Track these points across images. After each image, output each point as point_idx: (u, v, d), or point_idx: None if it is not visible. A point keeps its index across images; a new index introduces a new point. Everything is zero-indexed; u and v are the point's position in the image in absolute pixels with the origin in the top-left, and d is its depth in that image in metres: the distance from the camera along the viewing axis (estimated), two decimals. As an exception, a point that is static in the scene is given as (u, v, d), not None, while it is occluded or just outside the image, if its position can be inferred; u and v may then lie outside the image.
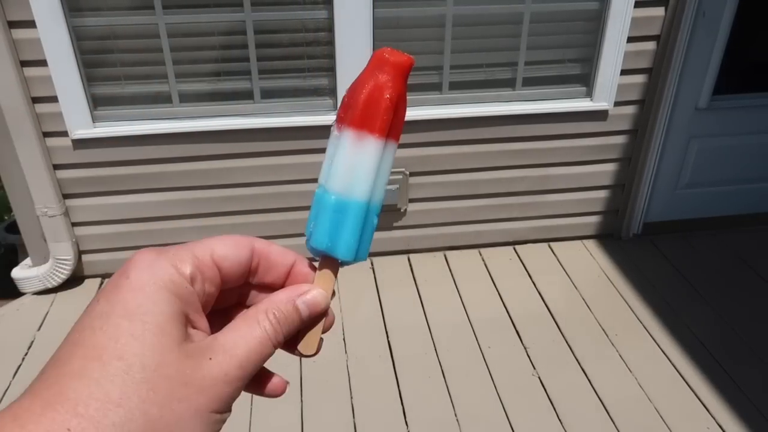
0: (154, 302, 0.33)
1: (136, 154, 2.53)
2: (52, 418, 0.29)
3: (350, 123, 0.40)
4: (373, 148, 0.40)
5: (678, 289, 2.73)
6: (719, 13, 2.60)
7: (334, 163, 0.40)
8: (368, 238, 0.42)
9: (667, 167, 2.96)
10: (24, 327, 2.50)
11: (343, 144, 0.40)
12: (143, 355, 0.31)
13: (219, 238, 0.38)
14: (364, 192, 0.40)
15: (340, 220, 0.40)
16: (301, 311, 0.38)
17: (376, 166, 0.40)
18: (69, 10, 2.23)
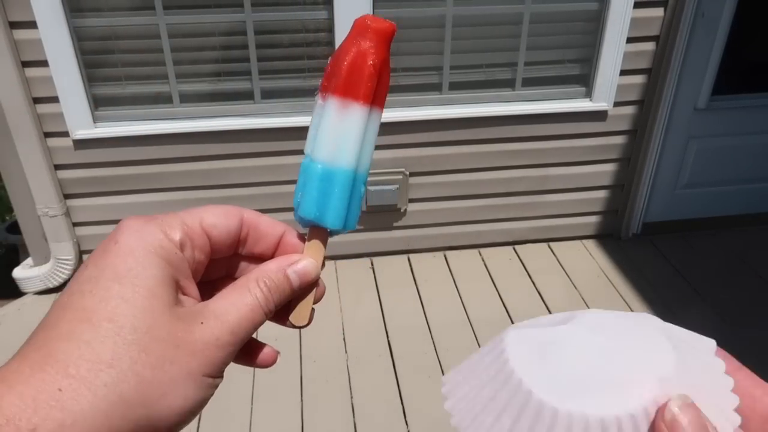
0: (144, 266, 0.32)
1: (136, 155, 2.54)
2: (41, 379, 0.28)
3: (334, 91, 0.39)
4: (358, 115, 0.39)
5: (677, 289, 2.73)
6: (718, 14, 2.60)
7: (320, 132, 0.40)
8: (356, 206, 0.41)
9: (667, 167, 2.96)
10: (25, 327, 2.50)
11: (328, 112, 0.40)
12: (134, 317, 0.31)
13: (208, 207, 0.38)
14: (350, 160, 0.40)
15: (328, 189, 0.40)
16: (291, 280, 0.38)
17: (362, 133, 0.40)
18: (70, 11, 2.24)
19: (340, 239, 2.80)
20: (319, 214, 0.40)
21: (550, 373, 0.27)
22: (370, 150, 0.41)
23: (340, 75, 0.39)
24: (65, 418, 0.28)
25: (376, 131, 0.41)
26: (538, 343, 0.29)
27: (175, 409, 0.32)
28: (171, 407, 0.31)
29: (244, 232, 0.39)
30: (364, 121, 0.40)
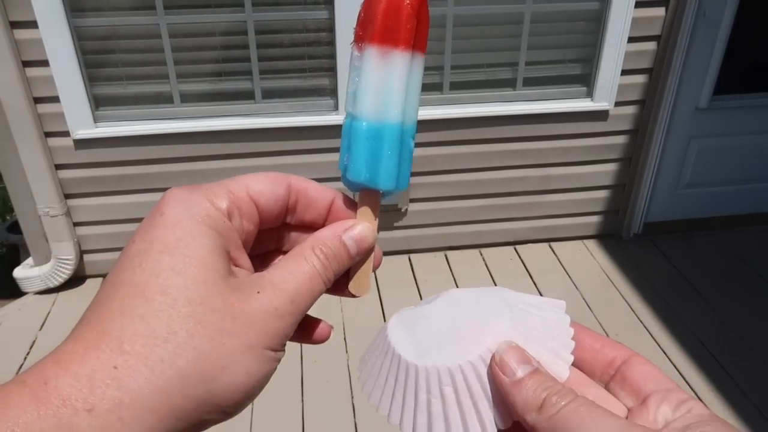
0: (193, 236, 0.31)
1: (137, 154, 2.54)
2: (96, 358, 0.27)
3: (371, 39, 0.36)
4: (400, 63, 0.36)
5: (678, 288, 2.73)
6: (720, 14, 2.60)
7: (360, 86, 0.37)
8: (407, 163, 0.39)
9: (668, 167, 2.96)
10: (26, 326, 2.51)
11: (367, 64, 0.36)
12: (187, 289, 0.29)
13: (253, 175, 0.36)
14: (396, 113, 0.37)
15: (375, 147, 0.37)
16: (348, 247, 0.36)
17: (406, 82, 0.37)
18: (70, 11, 2.24)
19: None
20: (369, 175, 0.37)
21: (414, 340, 0.35)
22: (415, 100, 0.38)
23: (375, 21, 0.36)
24: (122, 396, 0.27)
25: (420, 79, 0.38)
26: (408, 320, 0.37)
27: (238, 385, 0.30)
28: (232, 383, 0.30)
29: (292, 199, 0.37)
30: (406, 68, 0.37)
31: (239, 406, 0.31)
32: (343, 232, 0.36)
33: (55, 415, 0.26)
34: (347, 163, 0.37)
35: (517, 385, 0.31)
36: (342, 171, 0.38)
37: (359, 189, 0.38)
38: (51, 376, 0.27)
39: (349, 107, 0.38)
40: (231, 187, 0.34)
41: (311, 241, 0.35)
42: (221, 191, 0.34)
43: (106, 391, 0.27)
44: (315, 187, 0.38)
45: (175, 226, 0.31)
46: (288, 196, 0.37)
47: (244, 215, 0.35)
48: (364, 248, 0.37)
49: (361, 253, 0.37)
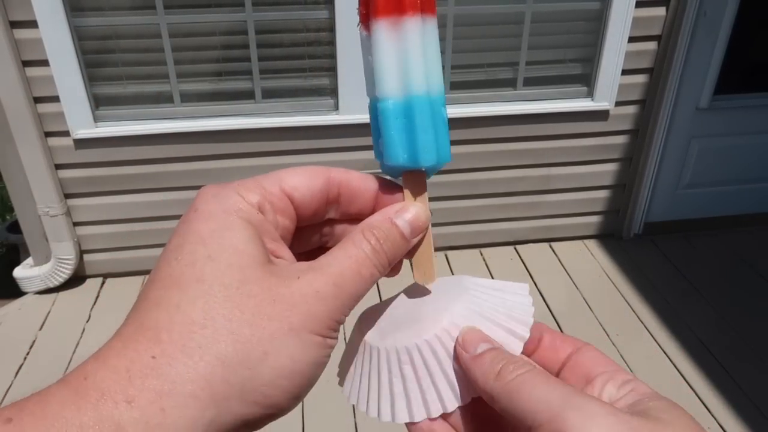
0: (227, 227, 0.31)
1: (137, 154, 2.54)
2: (134, 350, 0.27)
3: (376, 13, 0.34)
4: (412, 29, 0.34)
5: (679, 288, 2.73)
6: (720, 13, 2.60)
7: (377, 65, 0.35)
8: (444, 134, 0.36)
9: (668, 167, 2.96)
10: (26, 326, 2.51)
11: (378, 40, 0.34)
12: (223, 275, 0.29)
13: (290, 169, 0.35)
14: (420, 84, 0.35)
15: (407, 124, 0.35)
16: (401, 228, 0.35)
17: (422, 49, 0.35)
18: (70, 10, 2.24)
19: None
20: (408, 155, 0.35)
21: (378, 327, 0.37)
22: (436, 66, 0.36)
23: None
24: (162, 385, 0.26)
25: (436, 42, 0.36)
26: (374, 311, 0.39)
27: (282, 371, 0.29)
28: (275, 368, 0.29)
29: (333, 191, 0.36)
30: (420, 34, 0.35)
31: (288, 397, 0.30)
32: (394, 215, 0.35)
33: (94, 408, 0.25)
34: (382, 149, 0.36)
35: (477, 359, 0.32)
36: (378, 159, 0.37)
37: (401, 173, 0.37)
38: (90, 371, 0.27)
39: (370, 92, 0.36)
40: (263, 182, 0.34)
41: (361, 226, 0.34)
42: (252, 186, 0.33)
43: (145, 381, 0.26)
44: (358, 177, 0.37)
45: (208, 220, 0.31)
46: (327, 189, 0.36)
47: (277, 210, 0.34)
48: (419, 229, 0.36)
49: (416, 234, 0.36)
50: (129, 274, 2.79)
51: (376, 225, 0.34)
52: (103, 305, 2.64)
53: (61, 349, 2.35)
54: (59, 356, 2.32)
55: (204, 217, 0.31)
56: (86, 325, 2.50)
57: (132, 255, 2.76)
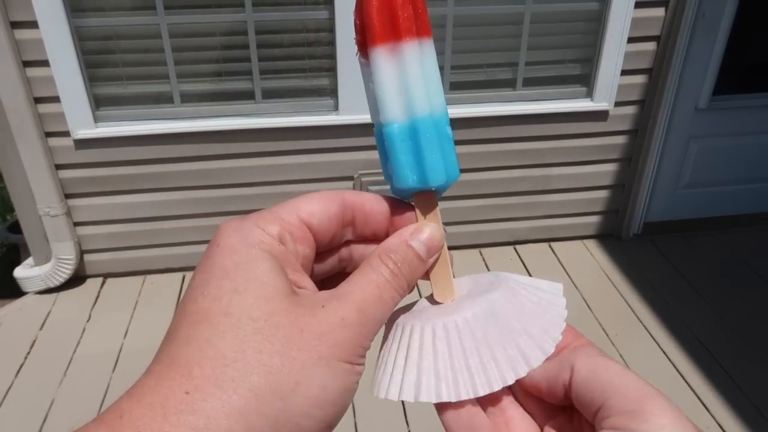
0: (251, 260, 0.31)
1: (137, 154, 2.54)
2: (168, 387, 0.27)
3: (373, 41, 0.35)
4: (410, 53, 0.35)
5: (678, 288, 2.73)
6: (719, 14, 2.60)
7: (378, 91, 0.36)
8: (451, 152, 0.37)
9: (668, 167, 2.96)
10: (26, 326, 2.51)
11: (378, 67, 0.35)
12: (251, 307, 0.29)
13: (305, 196, 0.36)
14: (422, 105, 0.35)
15: (413, 146, 0.36)
16: (417, 250, 0.35)
17: (421, 71, 0.35)
18: (71, 11, 2.24)
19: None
20: (416, 177, 0.36)
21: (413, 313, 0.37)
22: (437, 86, 0.37)
23: (372, 21, 0.35)
24: (197, 420, 0.26)
25: (435, 63, 0.37)
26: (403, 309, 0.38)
27: (315, 401, 0.29)
28: (308, 397, 0.29)
29: (348, 214, 0.37)
30: (418, 57, 0.35)
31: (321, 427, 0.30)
32: (409, 237, 0.36)
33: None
34: (391, 173, 0.37)
35: None
36: (389, 182, 0.38)
37: (411, 194, 0.37)
38: (125, 410, 0.27)
39: (374, 118, 0.37)
40: (281, 213, 0.34)
41: (377, 250, 0.35)
42: (271, 218, 0.34)
43: (180, 418, 0.26)
44: (371, 198, 0.37)
45: (231, 254, 0.32)
46: (342, 213, 0.36)
47: (297, 239, 0.34)
48: (435, 249, 0.37)
49: (432, 254, 0.37)
50: (129, 274, 2.80)
51: (393, 248, 0.35)
52: (103, 305, 2.64)
53: (61, 348, 2.36)
54: (60, 356, 2.32)
55: (227, 251, 0.32)
56: (86, 324, 2.50)
57: (132, 255, 2.77)
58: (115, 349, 2.35)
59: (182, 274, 2.81)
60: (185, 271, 2.81)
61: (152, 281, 2.78)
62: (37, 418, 2.06)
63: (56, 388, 2.19)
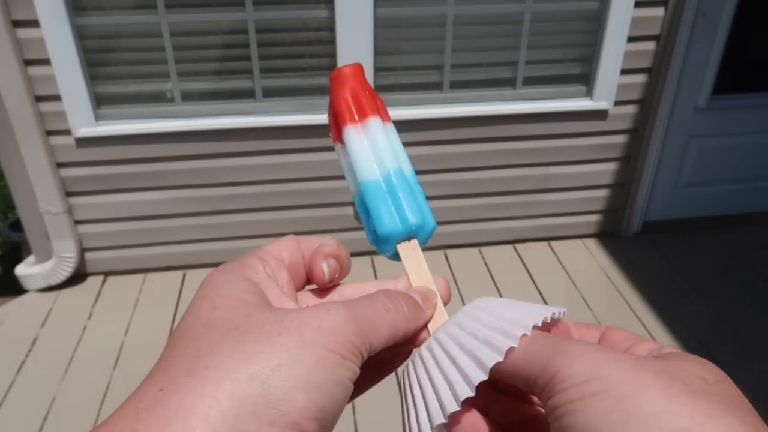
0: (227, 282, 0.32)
1: (138, 153, 2.55)
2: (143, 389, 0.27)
3: (344, 122, 0.41)
4: (375, 124, 0.41)
5: (677, 287, 2.74)
6: (719, 13, 2.60)
7: (353, 158, 0.41)
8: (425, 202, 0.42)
9: (667, 166, 2.97)
10: (27, 324, 2.52)
11: (351, 143, 0.41)
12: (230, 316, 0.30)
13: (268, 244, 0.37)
14: (392, 160, 0.41)
15: (391, 195, 0.40)
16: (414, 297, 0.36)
17: (386, 137, 0.41)
18: (72, 10, 2.25)
19: (341, 237, 2.80)
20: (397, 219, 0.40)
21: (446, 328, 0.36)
22: (403, 152, 0.42)
23: (343, 111, 0.41)
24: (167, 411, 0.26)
25: (398, 138, 0.43)
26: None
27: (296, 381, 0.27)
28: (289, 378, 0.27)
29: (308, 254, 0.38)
30: (382, 129, 0.41)
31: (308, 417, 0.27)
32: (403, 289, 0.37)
33: None
34: (374, 226, 0.40)
35: None
36: (373, 241, 0.40)
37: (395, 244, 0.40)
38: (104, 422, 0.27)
39: (352, 188, 0.42)
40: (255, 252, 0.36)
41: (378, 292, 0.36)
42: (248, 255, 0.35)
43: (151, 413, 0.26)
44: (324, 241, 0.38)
45: (211, 282, 0.33)
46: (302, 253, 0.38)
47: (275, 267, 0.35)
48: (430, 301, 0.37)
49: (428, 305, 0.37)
50: (130, 272, 2.81)
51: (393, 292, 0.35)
52: (104, 303, 2.65)
53: (62, 346, 2.37)
54: (61, 354, 2.33)
55: (206, 282, 0.33)
56: (87, 322, 2.51)
57: (133, 253, 2.77)
58: (116, 347, 2.36)
59: (183, 272, 2.81)
60: (186, 270, 2.82)
61: (153, 279, 2.79)
62: (38, 415, 2.07)
63: (57, 385, 2.19)
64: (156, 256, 2.79)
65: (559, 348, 0.29)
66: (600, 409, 0.25)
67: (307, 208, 2.75)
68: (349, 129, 0.41)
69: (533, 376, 0.29)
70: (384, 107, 0.43)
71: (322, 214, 2.77)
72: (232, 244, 2.81)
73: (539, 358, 0.29)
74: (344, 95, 0.42)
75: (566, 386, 0.27)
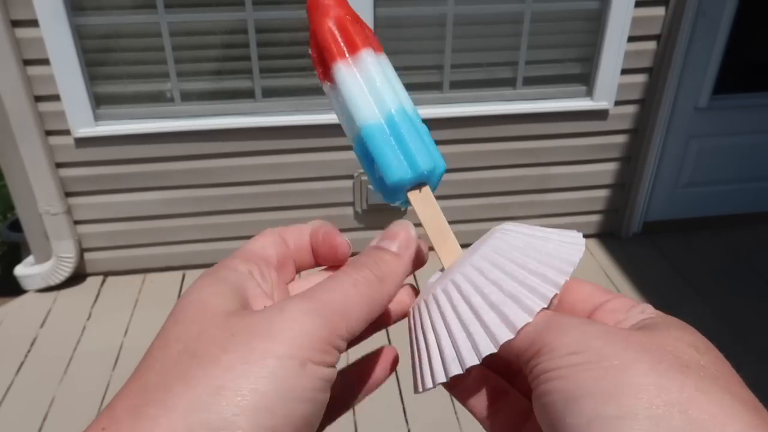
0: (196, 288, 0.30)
1: (137, 153, 2.54)
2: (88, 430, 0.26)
3: (333, 59, 0.37)
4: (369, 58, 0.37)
5: (677, 288, 2.74)
6: (719, 13, 2.60)
7: (349, 100, 0.36)
8: (432, 142, 0.37)
9: (667, 166, 2.97)
10: (27, 324, 2.52)
11: (342, 79, 0.37)
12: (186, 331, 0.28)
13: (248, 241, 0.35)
14: (392, 100, 0.36)
15: (396, 139, 0.36)
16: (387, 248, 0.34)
17: (383, 73, 0.37)
18: (71, 9, 2.25)
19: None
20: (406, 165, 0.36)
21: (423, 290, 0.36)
22: (401, 87, 0.38)
23: (327, 45, 0.37)
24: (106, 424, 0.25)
25: (393, 71, 0.38)
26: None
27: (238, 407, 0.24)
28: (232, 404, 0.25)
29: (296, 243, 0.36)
30: (376, 62, 0.37)
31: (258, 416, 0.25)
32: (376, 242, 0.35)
33: None
34: (381, 173, 0.36)
35: None
36: (379, 189, 0.37)
37: (405, 192, 0.37)
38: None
39: (351, 131, 0.37)
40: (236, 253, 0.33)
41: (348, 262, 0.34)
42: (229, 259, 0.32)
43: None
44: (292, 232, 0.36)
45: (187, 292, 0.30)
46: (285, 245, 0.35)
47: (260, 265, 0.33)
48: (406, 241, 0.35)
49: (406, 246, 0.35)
50: (129, 272, 2.80)
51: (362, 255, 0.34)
52: (103, 303, 2.65)
53: (61, 347, 2.36)
54: (60, 354, 2.32)
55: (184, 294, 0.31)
56: (87, 323, 2.51)
57: (132, 253, 2.77)
58: (116, 348, 2.36)
59: (182, 272, 2.81)
60: (185, 270, 2.82)
61: (152, 280, 2.78)
62: (37, 416, 2.07)
63: (56, 386, 2.19)
64: (155, 256, 2.79)
65: (550, 323, 0.29)
66: (588, 378, 0.25)
67: (307, 208, 2.75)
68: (340, 67, 0.37)
69: (522, 348, 0.29)
70: (374, 36, 0.38)
71: (322, 214, 2.77)
72: (232, 245, 2.80)
73: (531, 333, 0.29)
74: (327, 25, 0.37)
75: (555, 355, 0.27)
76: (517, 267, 0.32)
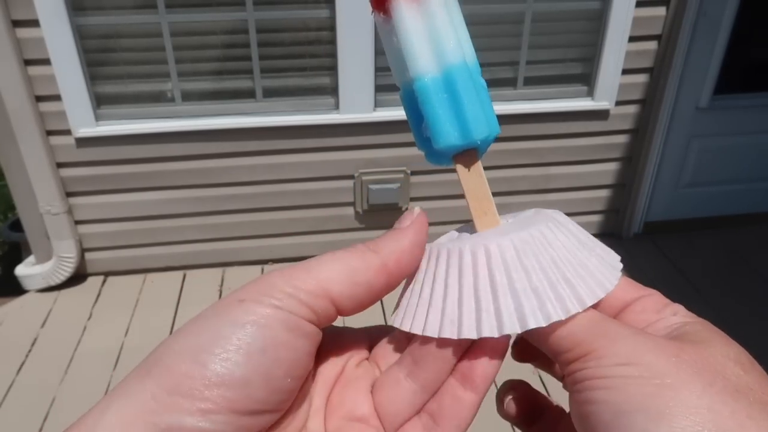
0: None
1: (138, 153, 2.54)
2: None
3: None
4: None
5: (678, 288, 2.73)
6: (720, 13, 2.60)
7: (405, 44, 0.32)
8: (488, 103, 0.33)
9: (668, 167, 2.96)
10: (27, 324, 2.52)
11: (401, 15, 0.32)
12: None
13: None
14: (455, 51, 0.32)
15: (451, 99, 0.32)
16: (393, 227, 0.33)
17: (448, 16, 0.32)
18: (72, 9, 2.25)
19: (341, 237, 2.80)
20: (458, 132, 0.32)
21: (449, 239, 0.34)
22: (465, 34, 0.33)
23: None
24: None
25: (459, 9, 0.33)
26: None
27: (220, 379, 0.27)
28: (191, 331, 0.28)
29: None
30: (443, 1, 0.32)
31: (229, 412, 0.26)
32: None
33: None
34: (428, 133, 0.33)
35: None
36: (424, 149, 0.34)
37: (452, 156, 0.34)
38: None
39: (401, 77, 0.34)
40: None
41: None
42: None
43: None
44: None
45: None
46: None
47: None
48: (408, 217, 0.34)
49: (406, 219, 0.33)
50: (130, 272, 2.80)
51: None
52: (104, 303, 2.65)
53: (62, 347, 2.36)
54: (61, 354, 2.32)
55: None
56: (87, 323, 2.51)
57: (133, 253, 2.77)
58: (116, 347, 2.36)
59: (183, 272, 2.81)
60: (186, 270, 2.82)
61: (153, 279, 2.78)
62: (38, 416, 2.07)
63: (57, 386, 2.19)
64: (156, 256, 2.79)
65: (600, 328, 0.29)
66: (639, 393, 0.25)
67: (307, 208, 2.75)
68: (398, 4, 0.32)
69: (565, 348, 0.29)
70: None
71: (322, 214, 2.76)
72: (232, 244, 2.80)
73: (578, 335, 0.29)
74: None
75: (603, 363, 0.27)
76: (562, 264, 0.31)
